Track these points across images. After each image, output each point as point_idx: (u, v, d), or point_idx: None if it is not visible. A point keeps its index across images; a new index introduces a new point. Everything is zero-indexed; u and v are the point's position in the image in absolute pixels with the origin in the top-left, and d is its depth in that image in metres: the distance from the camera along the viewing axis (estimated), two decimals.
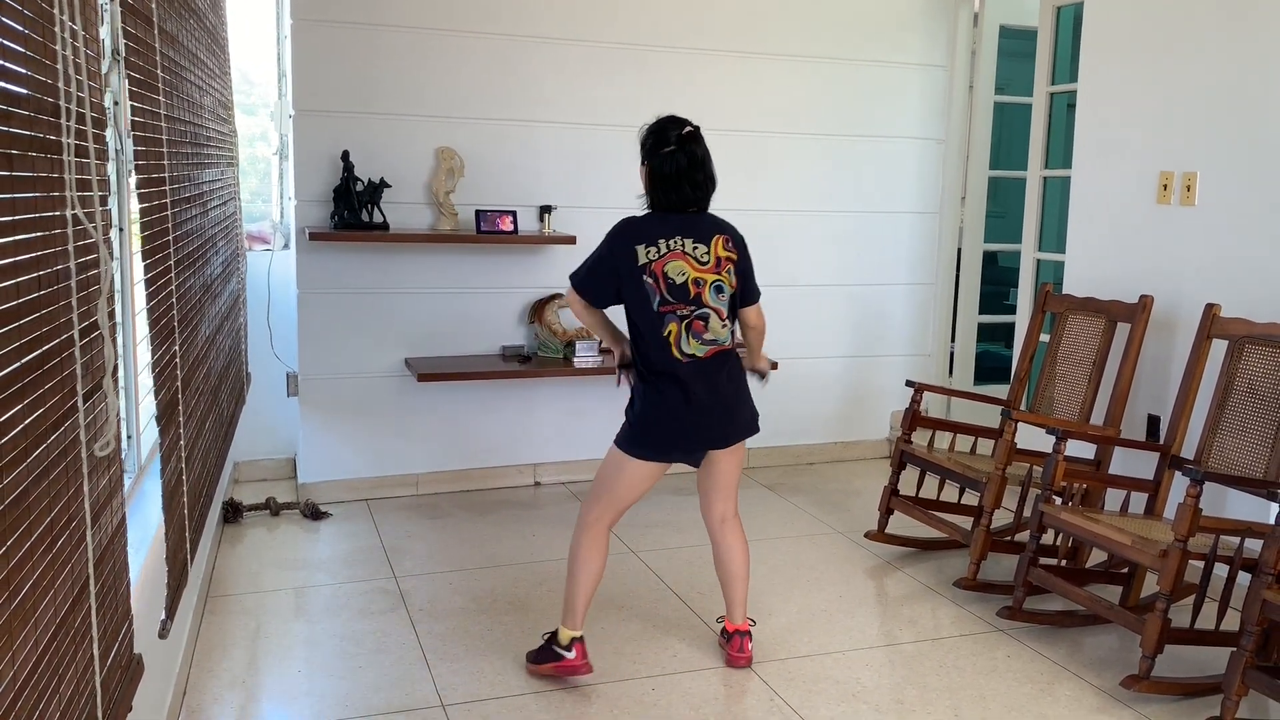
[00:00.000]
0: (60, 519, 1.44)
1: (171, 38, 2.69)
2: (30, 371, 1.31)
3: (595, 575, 3.10)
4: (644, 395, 3.03)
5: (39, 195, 1.37)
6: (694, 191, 3.00)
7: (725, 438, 3.10)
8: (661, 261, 2.95)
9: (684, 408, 2.99)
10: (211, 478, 3.21)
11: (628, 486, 3.09)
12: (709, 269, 2.99)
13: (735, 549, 3.23)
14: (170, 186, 2.57)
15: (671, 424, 3.02)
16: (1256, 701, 3.07)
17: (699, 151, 3.00)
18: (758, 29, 5.10)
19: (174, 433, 2.45)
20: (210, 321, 3.26)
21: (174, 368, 2.49)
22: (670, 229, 2.98)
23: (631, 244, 2.96)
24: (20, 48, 1.30)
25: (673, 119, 3.03)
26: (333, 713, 2.89)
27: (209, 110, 3.45)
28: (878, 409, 5.63)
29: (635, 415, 3.06)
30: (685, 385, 2.97)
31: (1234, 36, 3.77)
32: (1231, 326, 3.58)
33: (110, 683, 1.75)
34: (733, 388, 3.08)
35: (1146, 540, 3.18)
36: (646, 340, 2.99)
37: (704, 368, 2.99)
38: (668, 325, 2.96)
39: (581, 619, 3.09)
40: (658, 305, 2.95)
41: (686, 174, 2.98)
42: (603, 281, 3.01)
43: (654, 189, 3.02)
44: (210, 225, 3.37)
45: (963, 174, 5.60)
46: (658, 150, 2.99)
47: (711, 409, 3.02)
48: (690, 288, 2.96)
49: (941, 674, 3.20)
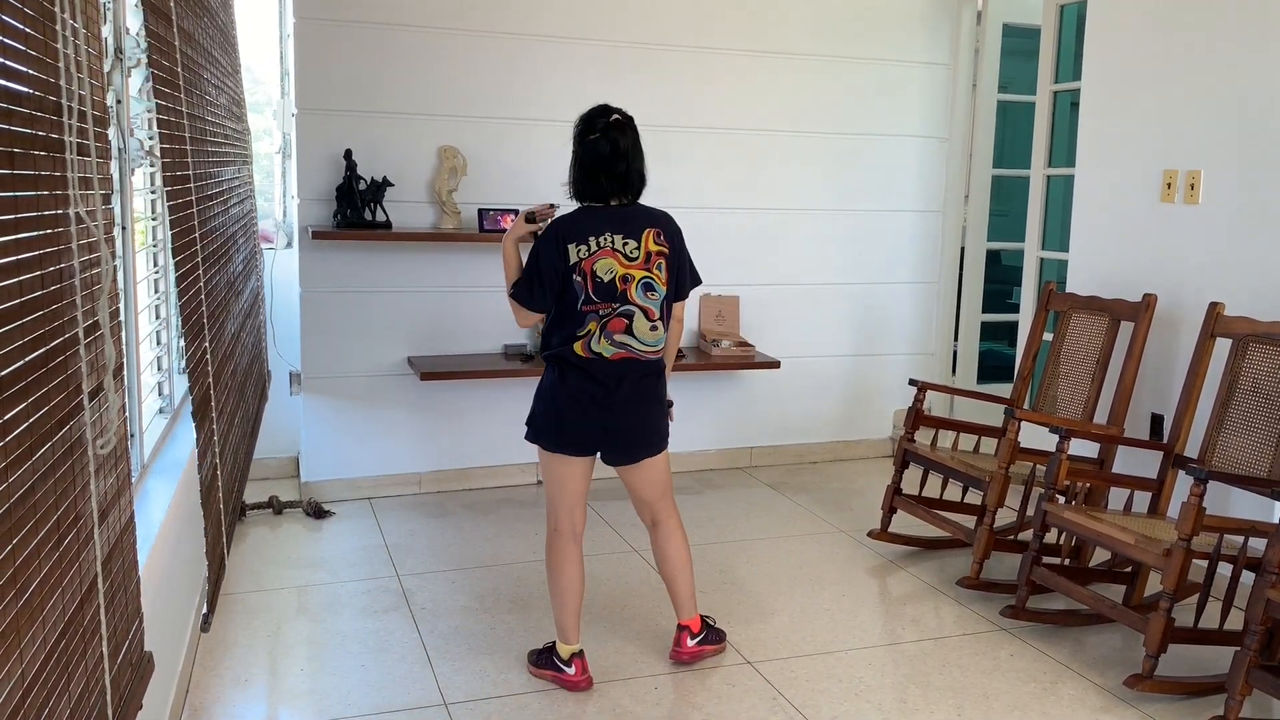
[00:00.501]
0: (67, 517, 1.44)
1: (189, 36, 2.69)
2: (34, 370, 1.31)
3: (572, 588, 3.03)
4: (540, 385, 3.01)
5: (41, 194, 1.36)
6: (610, 183, 2.92)
7: (619, 452, 3.04)
8: (591, 260, 2.88)
9: (570, 403, 2.94)
10: (241, 474, 3.21)
11: (553, 484, 3.04)
12: (638, 264, 2.92)
13: (668, 549, 3.16)
14: (195, 184, 2.58)
15: (559, 417, 2.97)
16: (1260, 701, 3.07)
17: (622, 142, 2.91)
18: (761, 28, 5.09)
19: (208, 429, 2.44)
20: (235, 318, 3.27)
21: (205, 364, 2.49)
22: (600, 225, 2.91)
23: (563, 243, 2.89)
24: (22, 46, 1.30)
25: (604, 107, 2.97)
26: (335, 711, 2.89)
27: (224, 108, 3.45)
28: (881, 408, 5.63)
29: (536, 404, 3.04)
30: (579, 381, 2.92)
31: (1238, 34, 3.76)
32: (1235, 325, 3.58)
33: (120, 680, 1.75)
34: (636, 399, 2.98)
35: (1150, 539, 3.18)
36: (562, 334, 2.93)
37: (606, 369, 2.92)
38: (587, 325, 2.90)
39: (575, 634, 3.04)
40: (582, 304, 2.89)
41: (605, 162, 2.90)
42: (545, 288, 2.92)
43: (577, 178, 2.96)
44: (231, 222, 3.37)
45: (966, 172, 5.60)
46: (584, 137, 2.93)
47: (603, 414, 2.95)
48: (617, 284, 2.90)
49: (944, 673, 3.20)
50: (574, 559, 3.04)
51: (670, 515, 3.17)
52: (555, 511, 3.05)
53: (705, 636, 3.22)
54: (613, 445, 3.03)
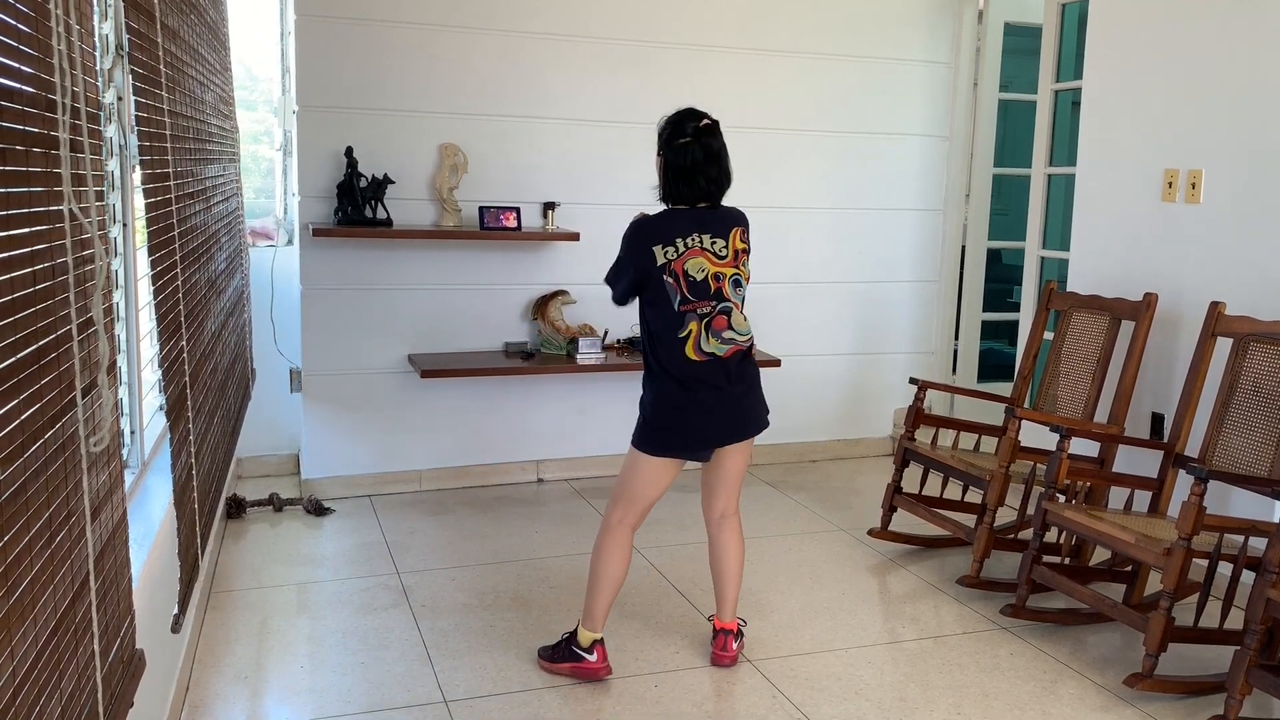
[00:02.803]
0: (59, 514, 1.44)
1: (173, 33, 2.69)
2: (26, 366, 1.30)
3: (618, 578, 3.08)
4: (658, 393, 3.01)
5: (34, 190, 1.36)
6: (707, 185, 2.97)
7: (736, 434, 3.08)
8: (681, 260, 2.92)
9: (698, 407, 2.97)
10: (220, 473, 3.21)
11: (644, 484, 3.07)
12: (727, 263, 2.96)
13: (731, 546, 3.21)
14: (175, 181, 2.57)
15: (685, 423, 3.00)
16: (1260, 700, 3.07)
17: (715, 145, 2.96)
18: (762, 26, 5.09)
19: (183, 428, 2.45)
20: (216, 317, 3.26)
21: (181, 363, 2.49)
22: (687, 226, 2.95)
23: (649, 245, 2.93)
24: (14, 42, 1.29)
25: (691, 111, 3.01)
26: (335, 708, 2.89)
27: (210, 106, 3.45)
28: (881, 406, 5.62)
29: (649, 413, 3.04)
30: (701, 384, 2.95)
31: (1239, 33, 3.75)
32: (1236, 324, 3.57)
33: (111, 678, 1.75)
34: (745, 386, 3.04)
35: (1150, 538, 3.17)
36: (662, 340, 2.96)
37: (722, 367, 2.97)
38: (688, 325, 2.93)
39: (602, 621, 3.07)
40: (679, 305, 2.93)
41: (701, 167, 2.94)
42: (627, 283, 3.00)
43: (667, 181, 3.00)
44: (214, 221, 3.37)
45: (967, 171, 5.59)
46: (673, 141, 2.96)
47: (725, 407, 3.00)
48: (710, 283, 2.94)
49: (944, 672, 3.20)
50: (627, 551, 3.09)
51: (737, 512, 3.23)
52: (630, 507, 3.08)
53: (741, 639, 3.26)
54: (734, 431, 3.07)
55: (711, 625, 3.27)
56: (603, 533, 3.10)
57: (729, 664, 3.19)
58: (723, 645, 3.20)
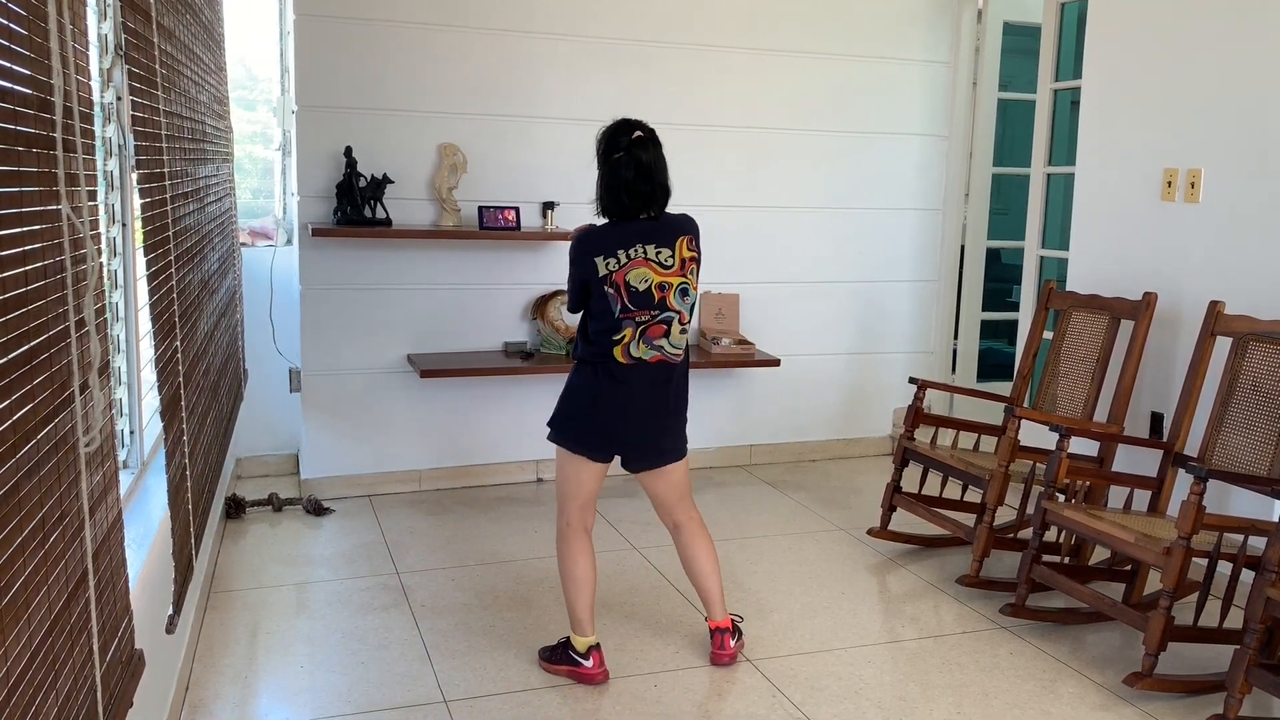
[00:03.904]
0: (54, 513, 1.44)
1: (169, 32, 2.69)
2: (19, 366, 1.30)
3: (585, 580, 3.05)
4: (574, 381, 3.03)
5: (29, 190, 1.36)
6: (632, 202, 2.92)
7: (641, 456, 3.08)
8: (623, 271, 2.91)
9: (608, 405, 2.97)
10: (213, 474, 3.21)
11: (565, 481, 3.07)
12: (673, 272, 2.95)
13: (696, 548, 3.18)
14: (170, 182, 2.57)
15: (593, 416, 2.99)
16: (1260, 699, 3.06)
17: (645, 158, 2.90)
18: (761, 25, 5.08)
19: (177, 429, 2.45)
20: (209, 318, 3.26)
21: (176, 363, 2.49)
22: (630, 238, 2.93)
23: (590, 256, 2.93)
24: (8, 42, 1.29)
25: (626, 122, 2.96)
26: (335, 708, 2.89)
27: (205, 105, 3.45)
28: (880, 406, 5.62)
29: (562, 401, 3.05)
30: (618, 384, 2.95)
31: (1239, 32, 3.75)
32: (1235, 324, 3.57)
33: (110, 678, 1.75)
34: (664, 405, 3.02)
35: (1150, 538, 3.17)
36: (595, 339, 2.96)
37: (644, 374, 2.96)
38: (623, 330, 2.92)
39: (589, 625, 3.06)
40: (619, 313, 2.92)
41: (629, 185, 2.91)
42: (577, 292, 3.01)
43: (602, 195, 2.98)
44: (207, 221, 3.37)
45: (966, 171, 5.58)
46: (608, 156, 2.94)
47: (637, 422, 3.00)
48: (654, 293, 2.93)
49: (944, 671, 3.20)
50: (586, 552, 3.07)
51: (691, 517, 3.20)
52: (566, 508, 3.08)
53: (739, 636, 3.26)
54: (636, 453, 3.08)
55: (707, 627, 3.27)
56: (557, 539, 3.11)
57: (728, 662, 3.19)
58: (720, 644, 3.19)
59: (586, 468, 3.04)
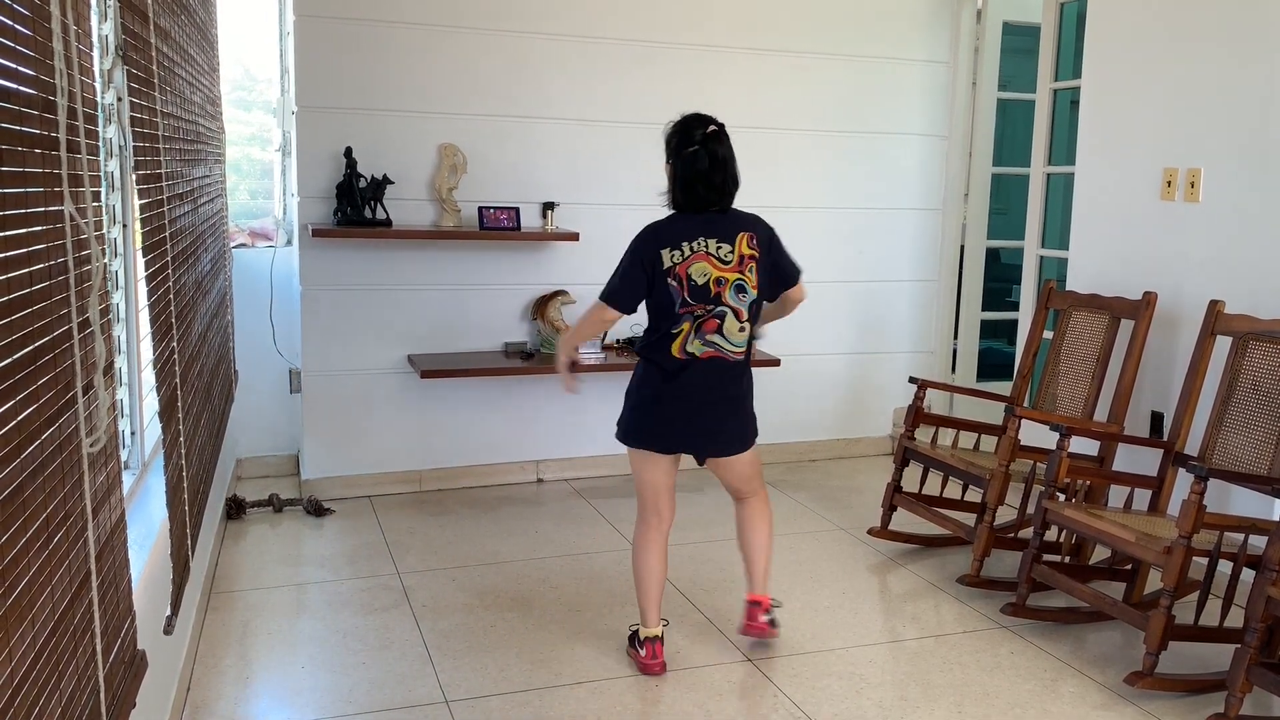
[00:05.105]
0: (57, 514, 1.44)
1: (165, 33, 2.69)
2: (23, 367, 1.30)
3: (655, 574, 3.14)
4: (640, 379, 3.10)
5: (33, 190, 1.36)
6: (708, 193, 3.00)
7: (705, 447, 3.14)
8: (685, 264, 2.97)
9: (669, 405, 3.04)
10: (207, 475, 3.21)
11: (643, 480, 3.15)
12: (731, 268, 3.00)
13: (754, 521, 3.28)
14: (166, 183, 2.57)
15: (657, 413, 3.06)
16: (1260, 698, 3.07)
17: (720, 152, 2.99)
18: (761, 25, 5.09)
19: (174, 429, 2.45)
20: (202, 319, 3.26)
21: (173, 364, 2.49)
22: (693, 230, 2.99)
23: (656, 249, 2.98)
24: (12, 43, 1.29)
25: (698, 117, 3.04)
26: (336, 709, 2.89)
27: (199, 106, 3.45)
28: (880, 406, 5.62)
29: (626, 403, 3.13)
30: (675, 383, 3.01)
31: (1238, 32, 3.75)
32: (1235, 323, 3.57)
33: (113, 678, 1.75)
34: (728, 407, 3.09)
35: (1150, 537, 3.17)
36: (657, 336, 3.03)
37: (698, 369, 3.01)
38: (681, 324, 2.99)
39: (651, 617, 3.14)
40: (679, 307, 2.98)
41: (705, 176, 2.98)
42: (634, 288, 3.02)
43: (673, 189, 3.04)
44: (200, 222, 3.37)
45: (966, 170, 5.59)
46: (681, 150, 3.00)
47: (696, 412, 3.05)
48: (711, 287, 2.98)
49: (945, 671, 3.20)
50: (658, 547, 3.15)
51: (757, 493, 3.30)
52: (642, 504, 3.17)
53: (773, 619, 3.30)
54: (697, 445, 3.14)
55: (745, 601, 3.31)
56: (635, 534, 3.20)
57: (755, 635, 3.25)
58: (751, 615, 3.25)
59: (653, 462, 3.11)
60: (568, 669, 3.14)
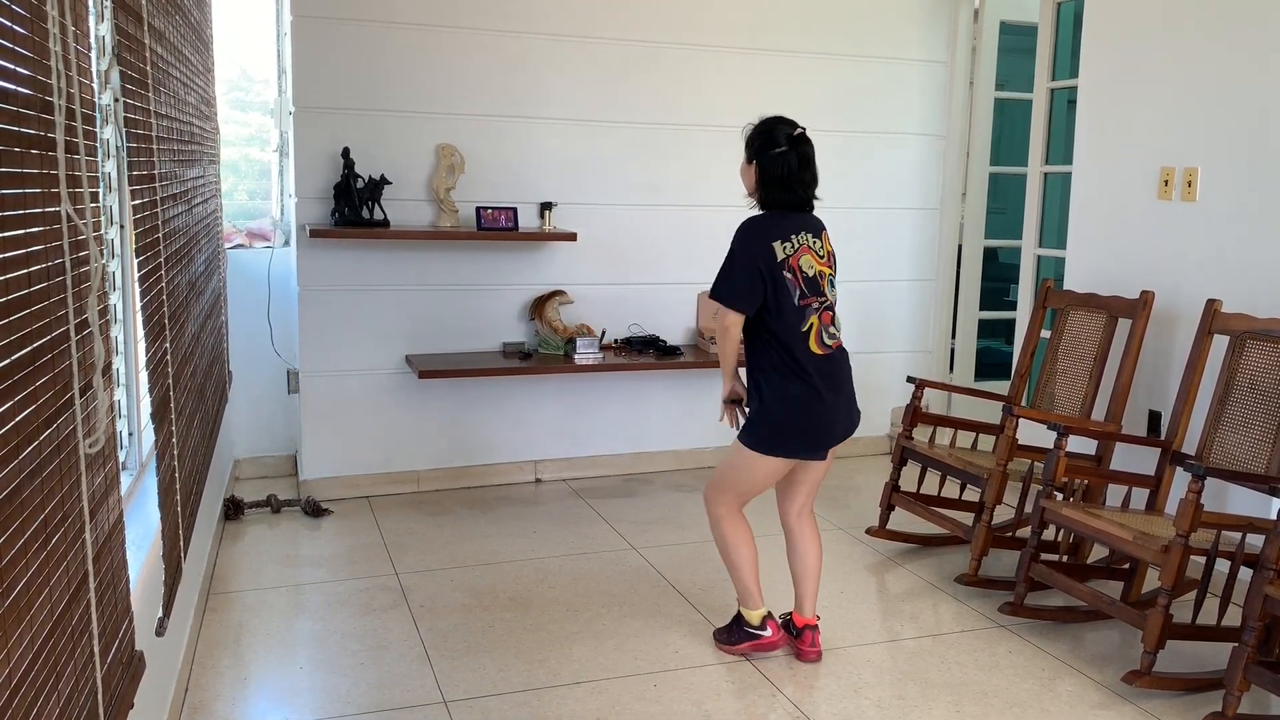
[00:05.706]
0: (55, 515, 1.44)
1: (160, 34, 2.68)
2: (21, 368, 1.30)
3: (751, 553, 3.22)
4: (779, 391, 3.04)
5: (30, 191, 1.36)
6: (803, 191, 3.10)
7: (844, 433, 3.18)
8: (796, 256, 3.03)
9: (819, 406, 3.05)
10: (200, 476, 3.21)
11: (757, 483, 3.17)
12: (825, 262, 3.10)
13: (810, 542, 3.30)
14: (160, 184, 2.57)
15: (811, 422, 3.07)
16: (1258, 697, 3.07)
17: (809, 152, 3.11)
18: (758, 25, 5.09)
19: (166, 430, 2.45)
20: (196, 320, 3.26)
21: (165, 365, 2.49)
22: (794, 225, 3.07)
23: (768, 241, 3.02)
24: (10, 44, 1.29)
25: (781, 119, 3.13)
26: (334, 709, 2.89)
27: (193, 107, 3.45)
28: (878, 405, 5.62)
29: (770, 415, 3.06)
30: (820, 382, 3.03)
31: (1235, 31, 3.76)
32: (1233, 322, 3.57)
33: (111, 679, 1.75)
34: (850, 385, 3.16)
35: (1148, 536, 3.18)
36: (785, 336, 3.02)
37: (834, 361, 3.07)
38: (808, 319, 3.02)
39: (759, 596, 3.22)
40: (798, 299, 3.01)
41: (797, 174, 3.07)
42: (754, 284, 3.00)
43: (766, 188, 3.09)
44: (194, 222, 3.37)
45: (963, 170, 5.59)
46: (767, 150, 3.07)
47: (838, 406, 3.10)
48: (819, 281, 3.05)
49: (943, 670, 3.20)
50: (747, 527, 3.24)
51: (811, 510, 3.33)
52: (738, 498, 3.20)
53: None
54: (840, 436, 3.16)
55: (787, 621, 3.30)
56: (714, 524, 3.24)
57: (815, 659, 3.24)
58: (810, 641, 3.25)
59: (779, 465, 3.12)
60: (566, 669, 3.14)
